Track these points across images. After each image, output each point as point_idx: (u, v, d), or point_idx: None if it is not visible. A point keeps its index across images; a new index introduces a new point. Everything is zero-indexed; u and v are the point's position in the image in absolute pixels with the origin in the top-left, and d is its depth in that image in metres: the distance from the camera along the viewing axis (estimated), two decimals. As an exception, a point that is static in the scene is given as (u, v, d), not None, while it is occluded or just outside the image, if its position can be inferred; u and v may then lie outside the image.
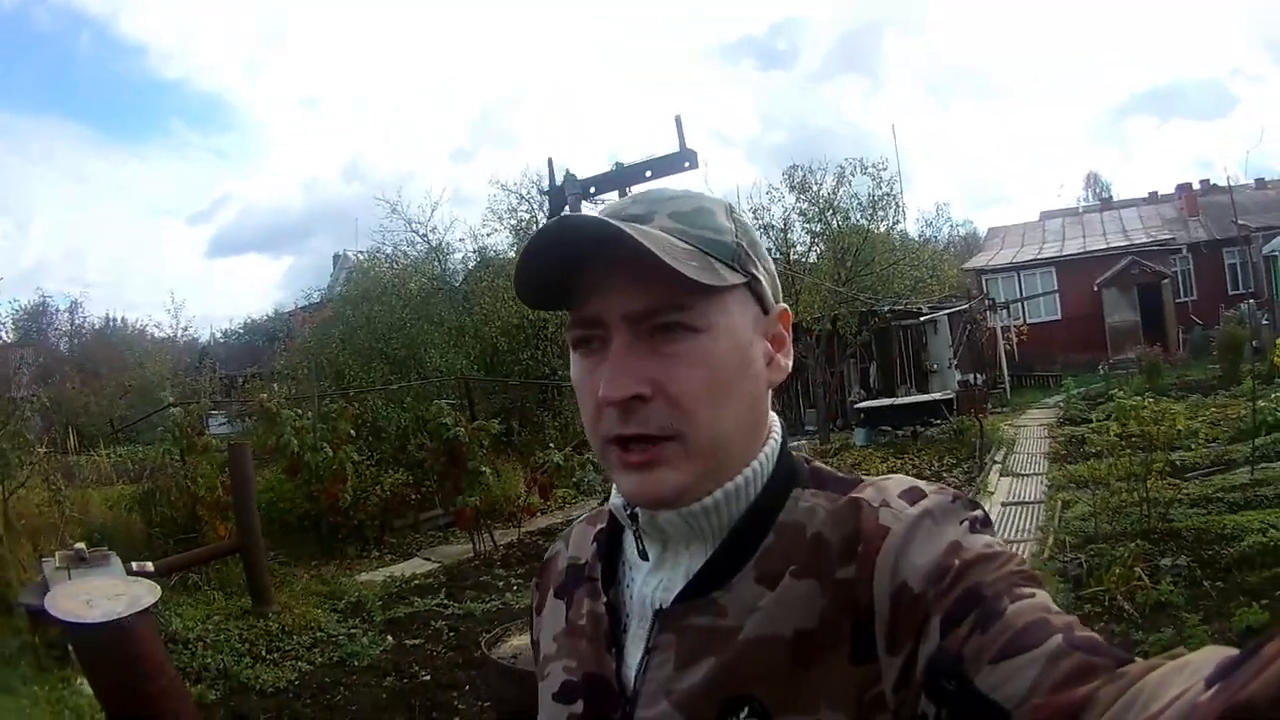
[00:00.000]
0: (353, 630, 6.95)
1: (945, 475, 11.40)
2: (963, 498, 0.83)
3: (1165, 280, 27.98)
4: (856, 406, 17.10)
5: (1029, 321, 26.07)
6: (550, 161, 6.04)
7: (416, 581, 8.33)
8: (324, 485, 9.30)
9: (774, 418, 0.93)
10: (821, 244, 21.42)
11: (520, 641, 3.75)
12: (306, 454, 9.02)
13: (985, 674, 0.66)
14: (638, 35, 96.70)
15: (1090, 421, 13.96)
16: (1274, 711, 0.45)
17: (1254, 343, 17.84)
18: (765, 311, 0.89)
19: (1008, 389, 21.79)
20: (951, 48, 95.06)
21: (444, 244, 18.93)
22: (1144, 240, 29.88)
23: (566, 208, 6.16)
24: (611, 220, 0.79)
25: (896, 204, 21.42)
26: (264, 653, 6.43)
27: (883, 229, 21.90)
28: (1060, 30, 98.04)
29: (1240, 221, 28.59)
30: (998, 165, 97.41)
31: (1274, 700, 0.45)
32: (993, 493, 9.72)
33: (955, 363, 21.34)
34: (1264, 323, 23.03)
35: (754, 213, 21.50)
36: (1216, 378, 17.98)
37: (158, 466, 9.84)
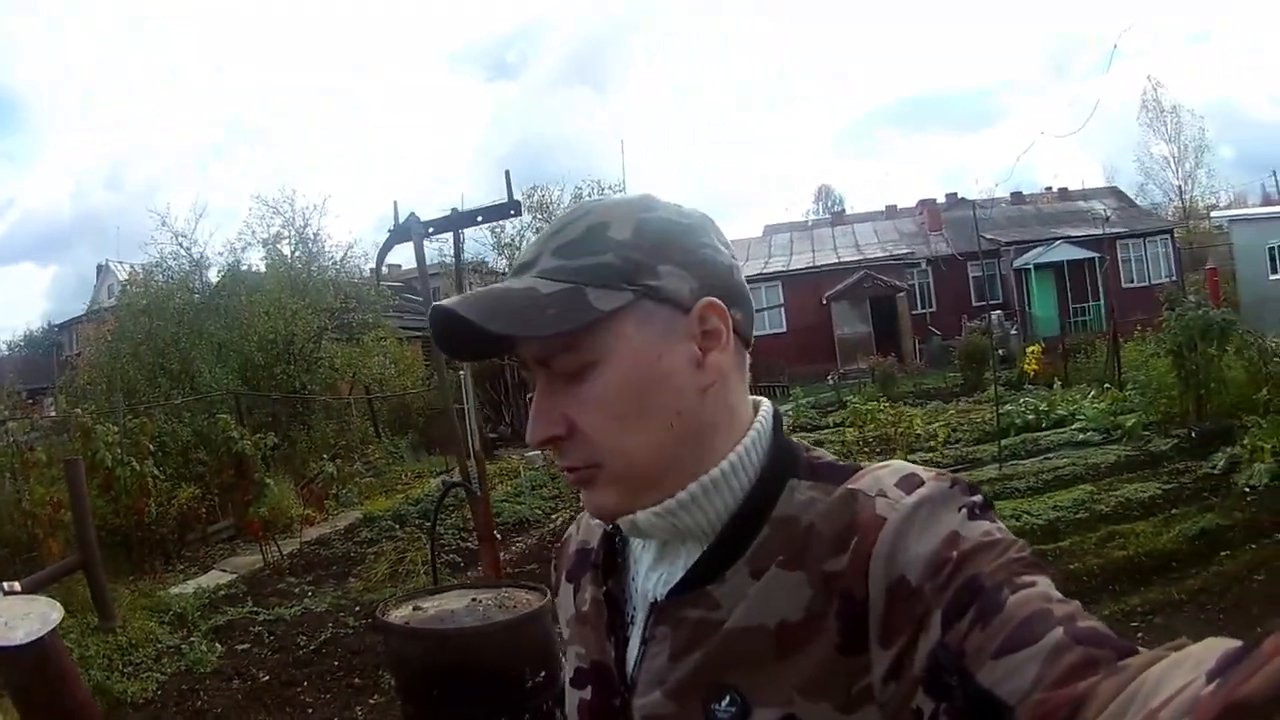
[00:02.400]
0: (187, 640, 7.58)
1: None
2: (961, 483, 0.83)
3: (901, 293, 29.81)
4: None
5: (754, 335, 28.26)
6: (395, 204, 6.70)
7: (223, 592, 9.03)
8: (131, 500, 9.67)
9: (762, 404, 0.95)
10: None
11: (402, 612, 3.90)
12: (117, 469, 9.50)
13: (987, 669, 0.66)
14: (367, 38, 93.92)
15: (825, 427, 15.26)
16: (1273, 708, 0.45)
17: (1000, 351, 19.63)
18: (686, 311, 0.86)
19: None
20: (688, 60, 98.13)
21: (204, 257, 18.97)
22: (879, 255, 31.83)
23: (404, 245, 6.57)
24: (459, 307, 0.82)
25: None
26: (120, 666, 6.93)
27: None
28: (806, 42, 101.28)
29: (990, 235, 30.74)
30: (733, 179, 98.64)
31: (1274, 698, 0.45)
32: None
33: None
34: (1013, 333, 25.72)
35: (491, 231, 22.80)
36: (958, 385, 19.64)
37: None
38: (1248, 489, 8.00)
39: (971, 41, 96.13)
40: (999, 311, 28.45)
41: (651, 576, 0.94)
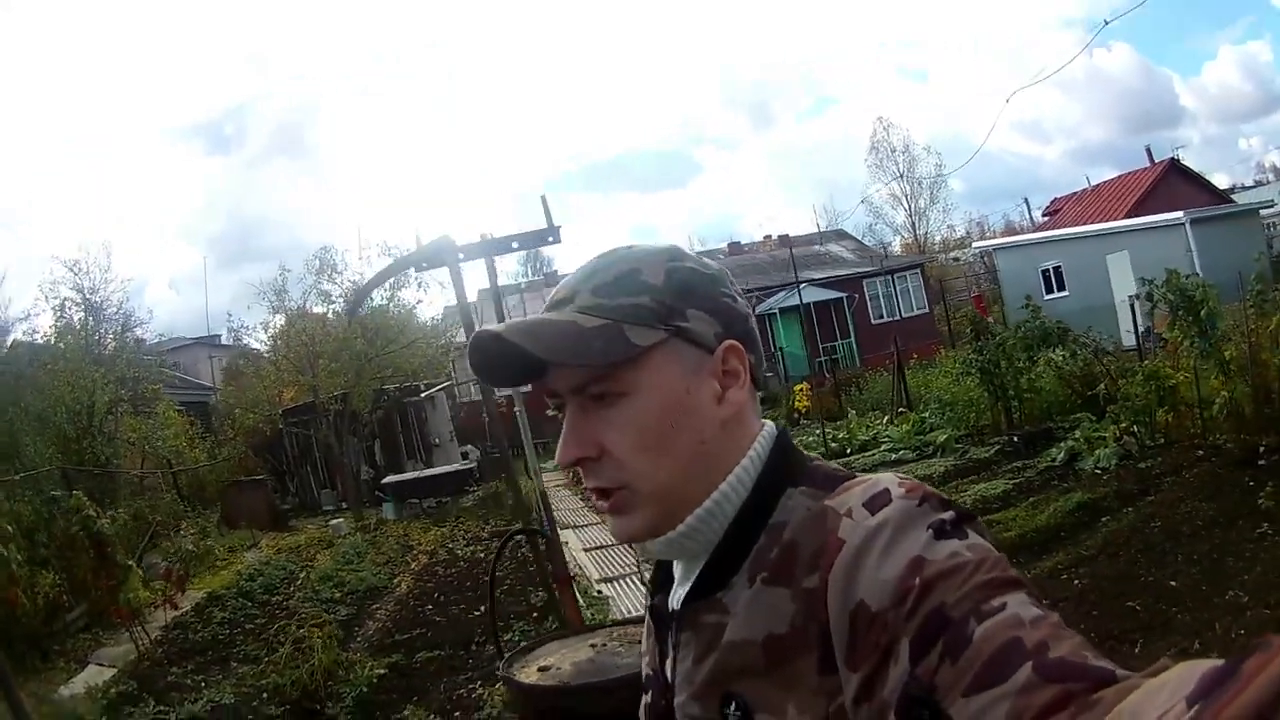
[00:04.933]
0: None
1: (503, 533, 12.02)
2: (932, 499, 0.83)
3: None
4: (383, 482, 18.15)
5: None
6: (417, 228, 6.68)
7: (114, 690, 8.04)
8: (1, 591, 8.76)
9: (765, 427, 1.02)
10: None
11: (530, 672, 3.57)
12: None
13: (959, 706, 0.66)
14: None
15: None
16: None
17: (760, 393, 20.90)
18: (710, 351, 0.96)
19: (529, 455, 23.78)
20: (377, 130, 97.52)
21: (3, 324, 18.15)
22: None
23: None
24: (509, 334, 0.92)
25: (420, 284, 22.10)
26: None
27: (400, 309, 23.00)
28: (490, 105, 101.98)
29: None
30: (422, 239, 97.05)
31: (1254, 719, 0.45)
32: (566, 543, 10.13)
33: (454, 435, 22.97)
34: (768, 375, 27.36)
35: (276, 294, 21.82)
36: None
37: None
38: (1099, 470, 9.09)
39: (663, 98, 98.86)
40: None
41: (678, 591, 1.01)
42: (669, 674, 1.01)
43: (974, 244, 41.28)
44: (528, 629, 7.53)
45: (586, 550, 11.06)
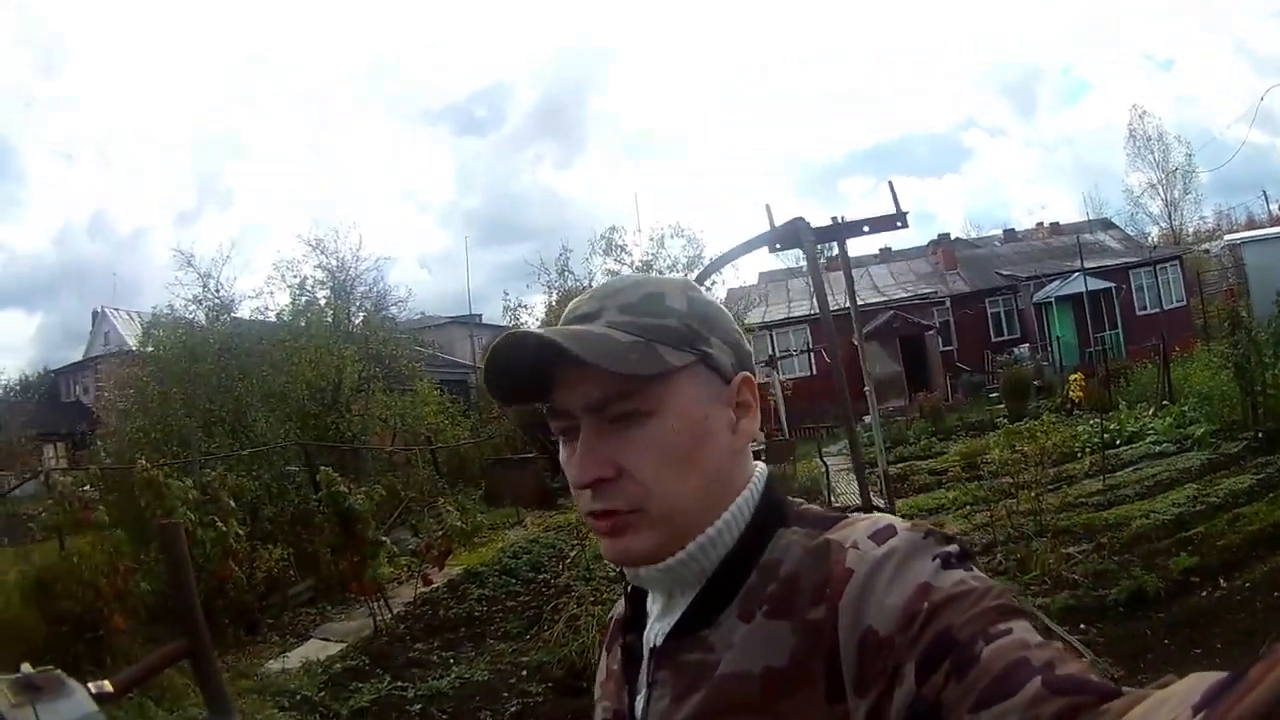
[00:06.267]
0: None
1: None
2: (936, 533, 0.83)
3: (930, 331, 29.85)
4: None
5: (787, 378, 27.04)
6: (769, 208, 6.68)
7: (339, 665, 7.36)
8: (214, 566, 8.16)
9: (758, 467, 0.99)
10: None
11: None
12: (198, 531, 7.74)
13: None
14: (345, 97, 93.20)
15: (914, 459, 16.21)
16: None
17: (1036, 382, 20.24)
18: (726, 381, 0.95)
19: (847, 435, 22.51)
20: (645, 111, 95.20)
21: (231, 300, 17.66)
22: (902, 295, 31.80)
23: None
24: (549, 334, 0.86)
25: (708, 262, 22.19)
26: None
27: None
28: (768, 92, 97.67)
29: (1006, 272, 31.46)
30: (701, 227, 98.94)
31: None
32: None
33: None
34: (1044, 364, 25.98)
35: (558, 273, 22.79)
36: (1002, 416, 19.07)
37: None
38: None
39: (933, 84, 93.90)
40: (1025, 345, 29.87)
41: (656, 627, 0.97)
42: (639, 713, 0.96)
43: (1225, 236, 39.48)
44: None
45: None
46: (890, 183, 6.79)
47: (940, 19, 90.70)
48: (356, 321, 19.14)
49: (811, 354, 29.26)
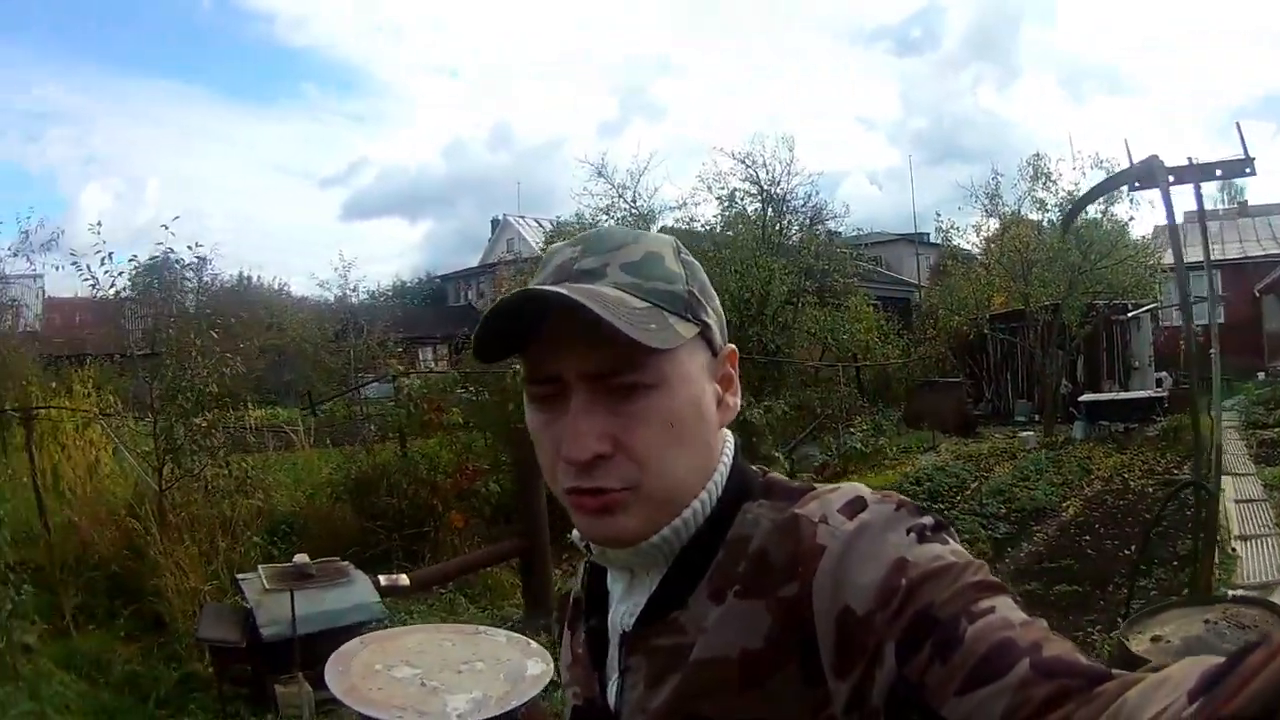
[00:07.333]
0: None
1: (1174, 471, 11.80)
2: (909, 505, 0.81)
3: None
4: (1079, 399, 17.03)
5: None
6: (1126, 142, 6.56)
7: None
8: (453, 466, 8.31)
9: (725, 435, 0.94)
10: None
11: (1141, 642, 3.50)
12: None
13: (952, 705, 0.65)
14: (773, 19, 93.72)
15: None
16: None
17: None
18: (714, 354, 0.91)
19: (1216, 393, 21.08)
20: (1080, 41, 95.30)
21: (650, 211, 18.56)
22: None
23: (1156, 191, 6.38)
24: (570, 293, 0.79)
25: (1132, 201, 20.03)
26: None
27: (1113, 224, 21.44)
28: (1186, 28, 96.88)
29: None
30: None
31: (1257, 715, 0.45)
32: (1222, 490, 9.25)
33: (1152, 360, 21.38)
34: None
35: (989, 198, 21.50)
36: None
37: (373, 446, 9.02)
38: None
39: None
40: None
41: (620, 609, 0.94)
42: (610, 702, 0.94)
43: None
44: (1164, 578, 7.33)
45: (1237, 502, 10.12)
46: (1238, 124, 6.63)
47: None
48: (792, 234, 19.02)
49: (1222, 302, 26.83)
